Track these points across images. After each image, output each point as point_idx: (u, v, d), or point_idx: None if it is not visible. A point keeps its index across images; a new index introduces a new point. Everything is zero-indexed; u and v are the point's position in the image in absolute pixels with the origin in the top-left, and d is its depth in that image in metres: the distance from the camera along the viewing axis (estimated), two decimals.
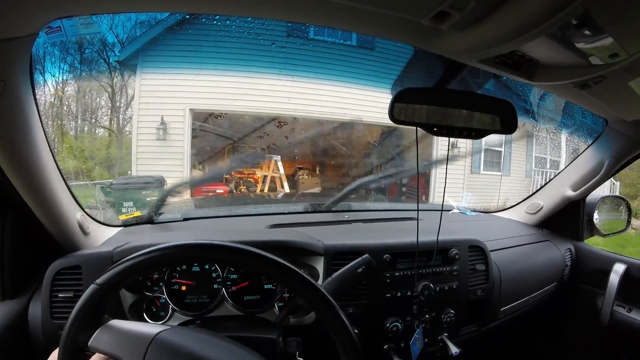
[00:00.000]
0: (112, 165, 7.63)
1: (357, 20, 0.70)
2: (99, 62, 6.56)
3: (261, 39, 5.16)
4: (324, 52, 6.17)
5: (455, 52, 0.78)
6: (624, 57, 0.73)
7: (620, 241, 5.09)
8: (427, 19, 0.63)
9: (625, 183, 7.90)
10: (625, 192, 7.55)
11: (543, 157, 9.16)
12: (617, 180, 7.48)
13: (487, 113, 0.94)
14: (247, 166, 8.43)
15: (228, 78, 6.17)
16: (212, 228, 1.53)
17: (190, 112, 6.64)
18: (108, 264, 0.99)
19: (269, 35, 5.38)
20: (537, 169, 9.02)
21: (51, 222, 1.01)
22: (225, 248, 0.71)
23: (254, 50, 5.38)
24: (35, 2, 0.56)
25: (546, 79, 0.88)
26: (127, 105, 7.48)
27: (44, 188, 0.91)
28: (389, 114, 0.87)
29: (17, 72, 0.67)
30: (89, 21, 0.81)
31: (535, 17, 0.59)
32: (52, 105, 6.24)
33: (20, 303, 1.00)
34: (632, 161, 1.54)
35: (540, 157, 9.20)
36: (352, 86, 6.48)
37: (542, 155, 9.16)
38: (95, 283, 0.65)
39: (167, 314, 1.08)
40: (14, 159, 0.80)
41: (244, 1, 0.63)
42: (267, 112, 7.24)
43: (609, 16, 0.62)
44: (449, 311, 1.23)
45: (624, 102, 1.10)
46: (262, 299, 1.13)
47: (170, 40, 6.07)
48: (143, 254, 0.67)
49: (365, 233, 1.41)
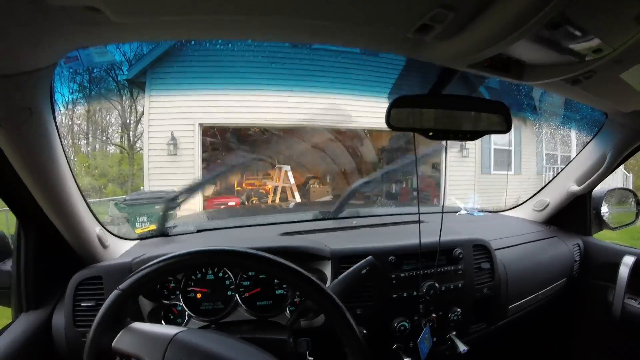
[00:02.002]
0: (125, 182, 7.78)
1: (346, 36, 0.74)
2: (108, 81, 6.75)
3: (267, 51, 5.26)
4: (328, 61, 6.24)
5: (443, 60, 0.82)
6: (609, 51, 0.75)
7: (634, 234, 5.00)
8: (411, 32, 0.67)
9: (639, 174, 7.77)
10: (638, 183, 7.41)
11: (554, 154, 9.06)
12: (630, 172, 7.37)
13: (481, 115, 0.98)
14: (258, 177, 8.51)
15: (236, 92, 6.27)
16: (225, 238, 1.57)
17: (200, 127, 6.75)
18: (127, 273, 1.03)
19: (275, 48, 5.47)
20: (549, 166, 8.93)
21: (73, 236, 1.06)
22: (236, 253, 0.76)
23: (260, 63, 5.48)
24: (56, 36, 0.62)
25: (536, 78, 0.90)
26: (137, 122, 7.64)
27: (66, 205, 0.97)
28: (386, 121, 0.91)
29: (40, 99, 0.73)
30: (104, 50, 0.87)
31: (515, 21, 0.62)
32: (67, 127, 6.42)
33: (44, 313, 1.05)
34: (634, 152, 1.54)
35: (551, 154, 9.11)
36: (356, 94, 6.53)
37: (552, 152, 9.07)
38: (118, 289, 0.71)
39: (184, 320, 1.12)
40: (39, 178, 0.86)
41: (236, 28, 0.69)
42: (276, 123, 7.33)
43: (587, 14, 0.64)
44: (456, 310, 1.25)
45: (619, 94, 1.11)
46: (274, 303, 1.16)
47: (178, 57, 6.21)
48: (161, 261, 0.73)
49: (371, 237, 1.44)
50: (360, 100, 6.67)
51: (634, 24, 0.67)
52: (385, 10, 0.62)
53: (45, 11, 0.54)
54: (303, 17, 0.63)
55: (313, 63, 6.22)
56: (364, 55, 6.21)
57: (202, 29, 0.69)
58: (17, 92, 0.65)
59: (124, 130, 7.93)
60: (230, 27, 0.67)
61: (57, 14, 0.56)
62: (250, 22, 0.65)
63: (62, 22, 0.58)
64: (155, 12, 0.59)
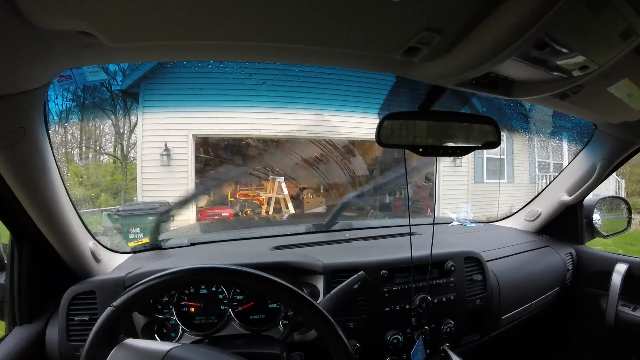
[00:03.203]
0: (118, 192, 7.73)
1: (336, 59, 0.76)
2: (101, 91, 6.73)
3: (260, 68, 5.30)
4: (320, 77, 6.28)
5: (431, 79, 0.83)
6: (595, 67, 0.76)
7: (629, 239, 5.06)
8: (399, 54, 0.68)
9: (632, 180, 7.85)
10: (632, 189, 7.49)
11: (546, 162, 9.14)
12: (622, 177, 7.45)
13: (471, 130, 0.99)
14: (252, 188, 8.49)
15: (230, 103, 6.28)
16: (218, 252, 1.57)
17: (194, 138, 6.74)
18: (121, 288, 1.04)
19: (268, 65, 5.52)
20: (541, 174, 9.00)
21: (66, 251, 1.07)
22: (228, 271, 0.77)
23: (253, 79, 5.51)
24: (50, 57, 0.63)
25: (524, 94, 0.92)
26: (130, 132, 7.62)
27: (59, 220, 0.98)
28: (375, 138, 0.92)
29: (34, 118, 0.74)
30: (96, 69, 0.88)
31: (500, 42, 0.63)
32: (60, 135, 6.38)
33: (37, 327, 1.05)
34: (624, 162, 1.57)
35: (544, 162, 9.19)
36: (348, 110, 6.58)
37: (545, 160, 9.15)
38: (112, 305, 0.71)
39: (178, 334, 1.12)
40: (33, 195, 0.87)
41: (228, 51, 0.70)
42: (270, 134, 7.33)
43: (571, 33, 0.66)
44: (449, 322, 1.26)
45: (607, 107, 1.13)
46: (267, 317, 1.16)
47: (172, 69, 6.22)
48: (154, 278, 0.73)
49: (363, 250, 1.45)
50: (351, 114, 6.71)
51: (619, 41, 0.68)
52: (374, 34, 0.64)
53: (38, 34, 0.55)
54: (295, 43, 0.64)
55: (305, 79, 6.25)
56: (355, 73, 6.26)
57: (194, 52, 0.70)
58: (11, 112, 0.66)
59: (117, 140, 7.90)
60: (222, 50, 0.69)
61: (51, 37, 0.57)
62: (243, 47, 0.66)
63: (55, 44, 0.59)
64: (148, 37, 0.60)
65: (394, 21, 0.59)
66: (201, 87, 6.15)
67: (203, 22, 0.57)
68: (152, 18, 0.55)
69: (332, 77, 6.18)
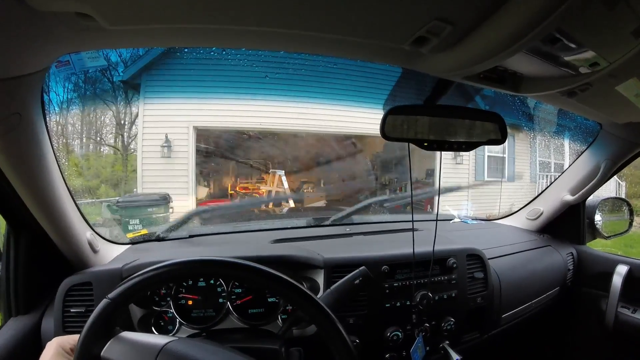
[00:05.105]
0: (118, 183, 7.71)
1: (343, 48, 0.74)
2: (102, 81, 6.71)
3: (263, 58, 5.26)
4: (325, 69, 6.25)
5: (439, 71, 0.82)
6: (605, 65, 0.75)
7: (628, 241, 5.06)
8: (407, 44, 0.67)
9: (633, 182, 7.83)
10: (632, 191, 7.48)
11: (547, 161, 9.12)
12: (623, 179, 7.43)
13: (476, 125, 0.98)
14: (252, 181, 8.49)
15: (232, 95, 6.25)
16: (217, 244, 1.56)
17: (194, 130, 6.72)
18: (117, 280, 1.03)
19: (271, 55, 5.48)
20: (542, 173, 8.98)
21: (63, 241, 1.05)
22: (227, 264, 0.75)
23: (256, 69, 5.47)
24: (47, 41, 0.61)
25: (531, 90, 0.91)
26: (131, 123, 7.59)
27: (56, 210, 0.96)
28: (380, 131, 0.91)
29: (30, 104, 0.72)
30: (95, 55, 0.86)
31: (512, 35, 0.62)
32: (59, 125, 6.36)
33: (34, 318, 1.04)
34: (627, 163, 1.56)
35: (545, 161, 9.17)
36: (352, 103, 6.54)
37: (546, 160, 9.13)
38: (108, 297, 0.69)
39: (175, 327, 1.11)
40: (29, 183, 0.85)
41: (232, 37, 0.68)
42: (272, 128, 7.31)
43: (583, 29, 0.64)
44: (449, 319, 1.25)
45: (614, 106, 1.11)
46: (266, 311, 1.15)
47: (174, 60, 6.18)
48: (151, 270, 0.71)
49: (364, 245, 1.44)
50: (355, 108, 6.67)
51: (631, 39, 0.67)
52: (383, 22, 0.62)
53: (35, 16, 0.53)
54: (300, 30, 0.62)
55: (309, 70, 6.22)
56: (360, 64, 6.22)
57: (196, 38, 0.68)
58: (5, 97, 0.64)
59: (118, 132, 7.87)
60: (225, 36, 0.67)
61: (48, 19, 0.55)
62: (247, 33, 0.64)
63: (52, 27, 0.57)
64: (148, 20, 0.58)
65: (403, 8, 0.57)
66: (203, 79, 6.12)
67: (206, 4, 0.55)
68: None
69: (336, 70, 6.13)
